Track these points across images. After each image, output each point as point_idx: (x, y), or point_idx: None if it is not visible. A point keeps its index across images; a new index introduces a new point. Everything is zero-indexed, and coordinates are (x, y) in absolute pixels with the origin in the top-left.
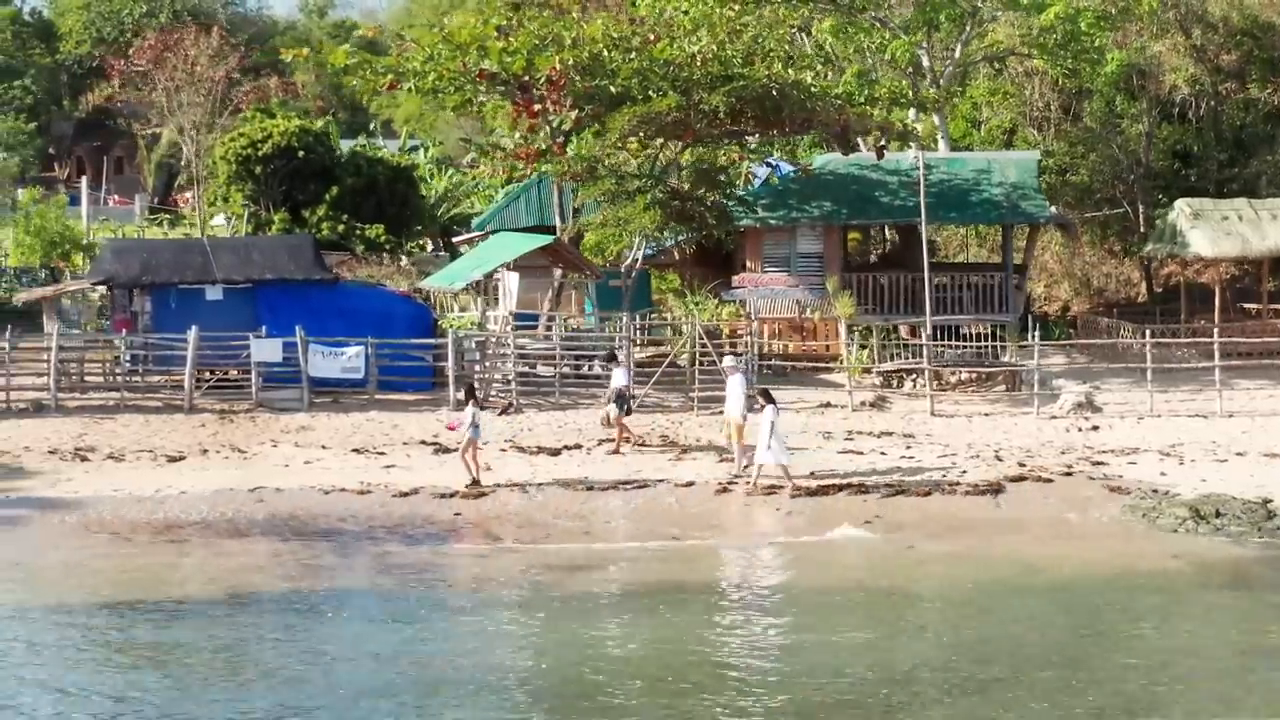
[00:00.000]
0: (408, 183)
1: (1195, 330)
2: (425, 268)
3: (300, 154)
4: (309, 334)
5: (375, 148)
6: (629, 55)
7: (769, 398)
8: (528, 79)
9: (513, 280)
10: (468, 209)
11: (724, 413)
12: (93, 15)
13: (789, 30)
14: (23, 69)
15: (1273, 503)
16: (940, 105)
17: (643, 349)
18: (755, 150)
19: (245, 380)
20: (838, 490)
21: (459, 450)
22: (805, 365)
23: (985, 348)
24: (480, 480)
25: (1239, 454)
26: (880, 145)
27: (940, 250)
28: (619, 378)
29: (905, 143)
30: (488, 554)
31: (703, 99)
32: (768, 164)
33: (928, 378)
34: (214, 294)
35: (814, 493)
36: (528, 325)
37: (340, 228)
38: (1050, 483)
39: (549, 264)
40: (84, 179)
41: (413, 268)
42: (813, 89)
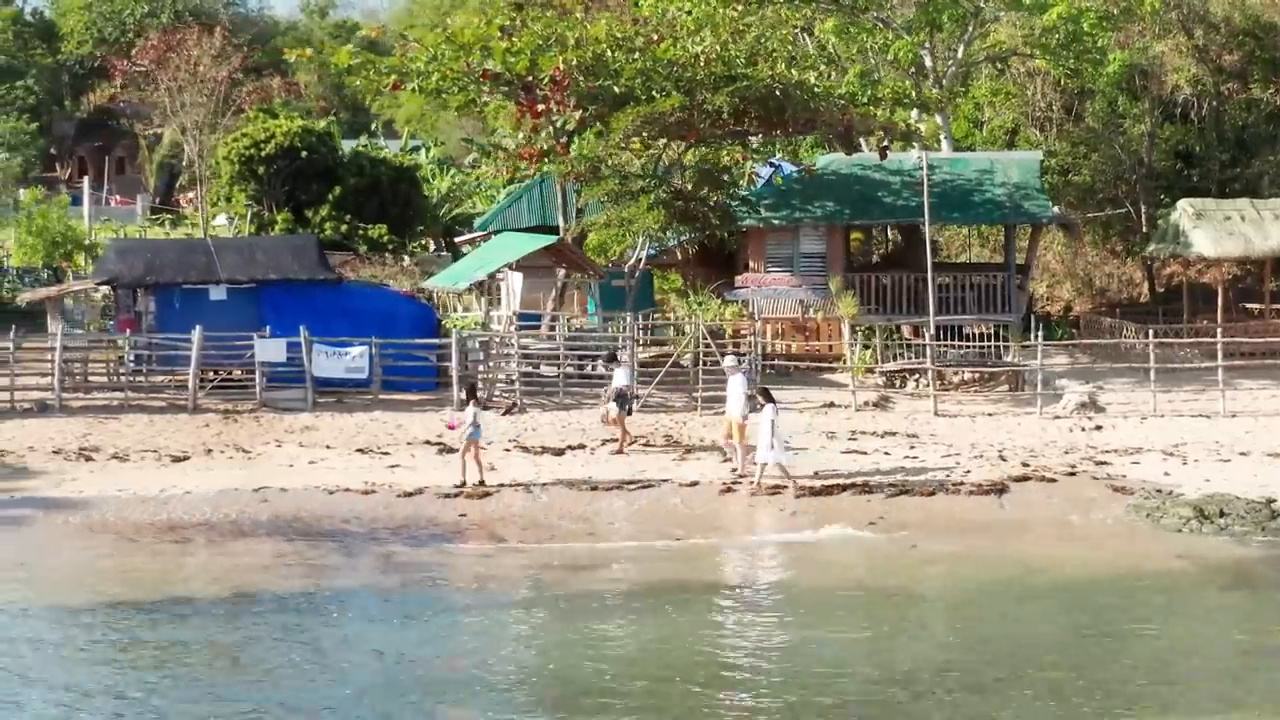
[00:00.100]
0: (410, 183)
1: (1198, 330)
2: (428, 268)
3: (303, 154)
4: (313, 334)
5: (377, 148)
6: (632, 55)
7: (769, 397)
8: (531, 79)
9: (516, 280)
10: (469, 209)
11: (725, 412)
12: (94, 15)
13: (791, 31)
14: (24, 69)
15: (1276, 502)
16: (943, 105)
17: (646, 349)
18: (758, 150)
19: (249, 380)
20: (842, 490)
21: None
22: (808, 365)
23: (988, 348)
24: (485, 480)
25: (1242, 454)
26: (883, 145)
27: (943, 250)
28: (620, 378)
29: (908, 143)
30: (492, 553)
31: (706, 99)
32: (771, 164)
33: (931, 378)
34: (218, 294)
35: (818, 492)
36: (530, 325)
37: (343, 228)
38: (1054, 483)
39: (552, 264)
40: (85, 179)
41: (416, 268)
42: (816, 89)
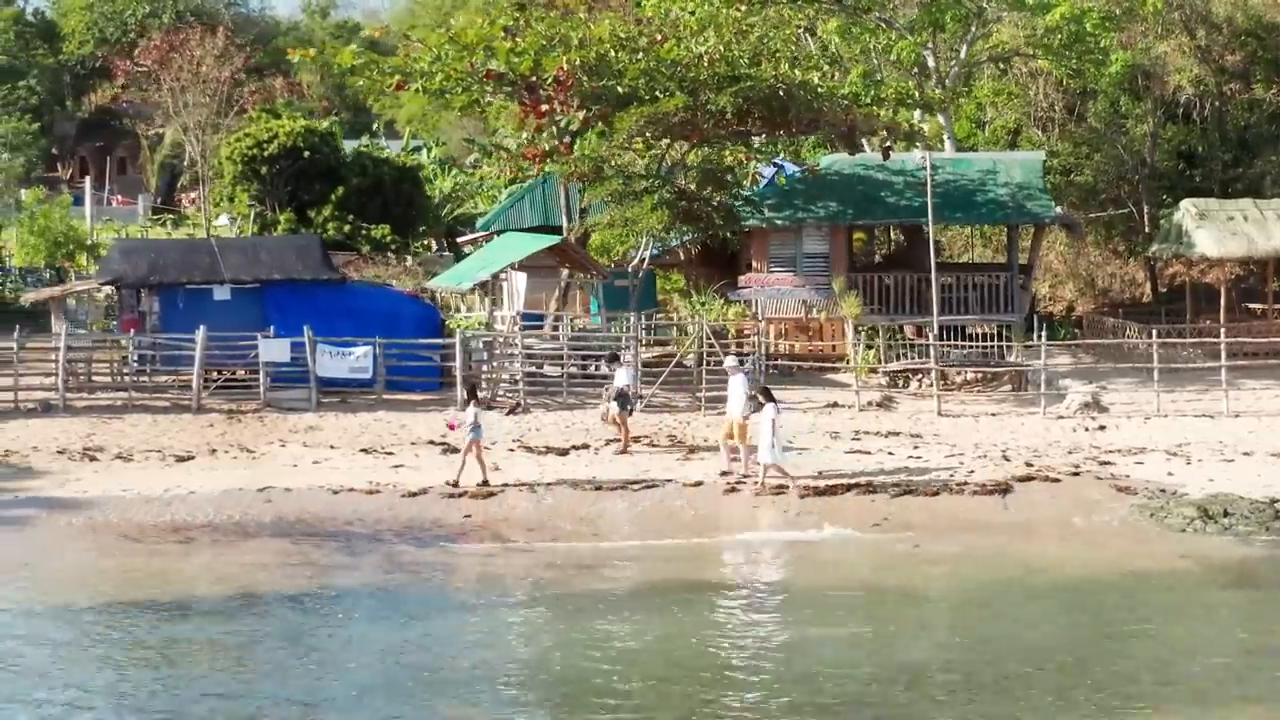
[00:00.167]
0: (413, 183)
1: (1201, 330)
2: (431, 268)
3: (306, 154)
4: (317, 334)
5: (378, 148)
6: (636, 56)
7: (769, 396)
8: (535, 79)
9: (520, 280)
10: (471, 209)
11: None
12: (95, 16)
13: (795, 31)
14: (26, 69)
15: None
16: (946, 106)
17: (649, 349)
18: (761, 150)
19: (253, 380)
20: (846, 490)
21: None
22: (811, 365)
23: (990, 348)
24: (489, 480)
25: (1246, 454)
26: (886, 146)
27: (945, 250)
28: (621, 378)
29: (911, 143)
30: (497, 553)
31: (710, 99)
32: (775, 164)
33: (934, 378)
34: (222, 294)
35: (822, 492)
36: (534, 325)
37: (346, 228)
38: (1058, 483)
39: (555, 264)
40: (87, 179)
41: (419, 268)
42: (819, 89)
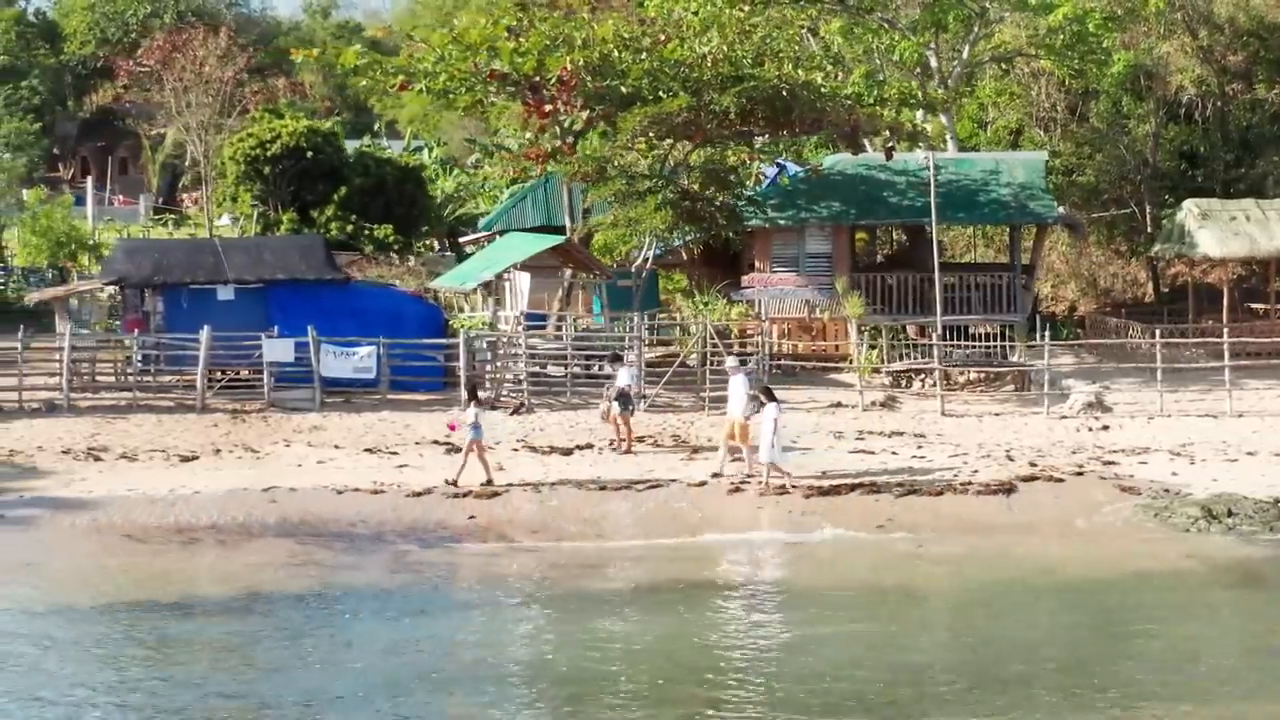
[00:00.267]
0: (416, 183)
1: (1203, 330)
2: (434, 268)
3: (309, 154)
4: (321, 334)
5: (380, 148)
6: (639, 56)
7: (771, 396)
8: (538, 79)
9: (523, 280)
10: (473, 209)
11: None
12: (97, 16)
13: (798, 31)
14: (27, 69)
15: None
16: (948, 106)
17: (653, 349)
18: (764, 150)
19: (257, 380)
20: (850, 490)
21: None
22: (815, 365)
23: (993, 348)
24: (493, 479)
25: (1250, 454)
26: (889, 146)
27: (947, 250)
28: (623, 378)
29: (914, 143)
30: (502, 552)
31: (713, 99)
32: (778, 164)
33: (938, 378)
34: (226, 294)
35: (826, 492)
36: (536, 325)
37: (349, 228)
38: (1062, 482)
39: (559, 264)
40: (89, 179)
41: (422, 268)
42: (823, 90)
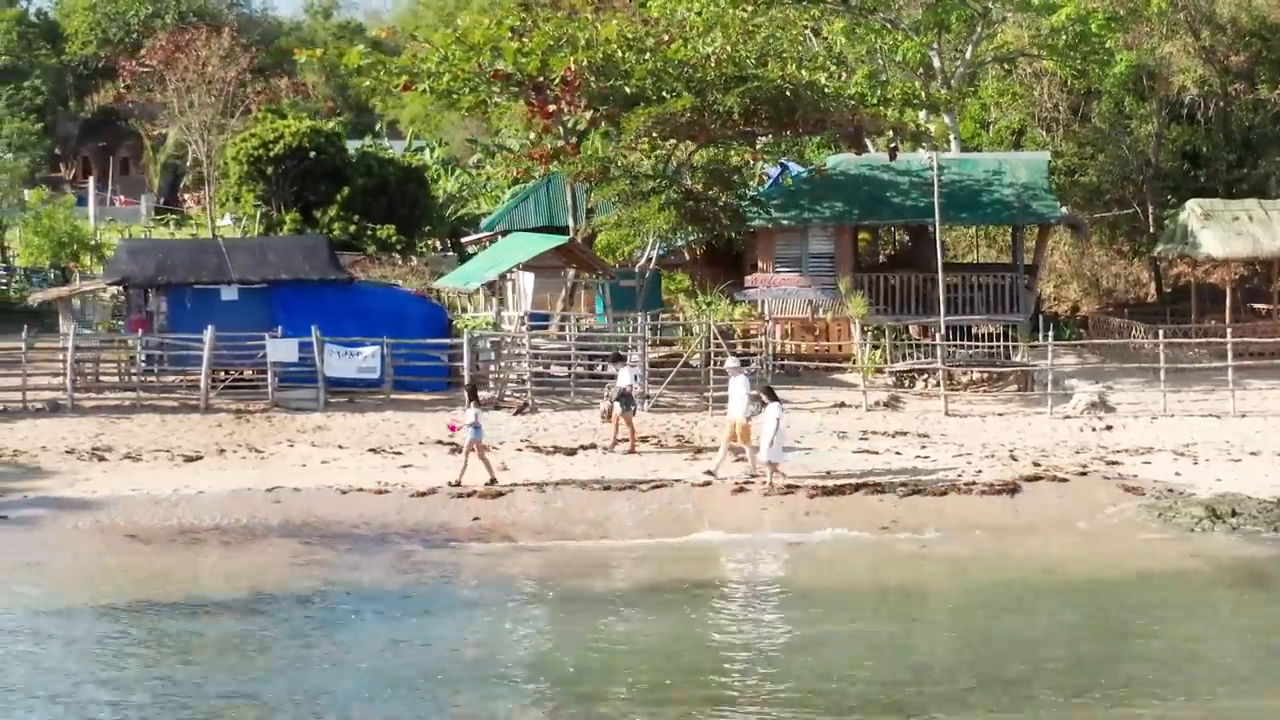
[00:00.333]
0: (418, 183)
1: (1206, 330)
2: (437, 268)
3: (312, 154)
4: (325, 334)
5: (381, 148)
6: (643, 56)
7: (773, 396)
8: (542, 80)
9: (527, 280)
10: (474, 209)
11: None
12: (98, 16)
13: (801, 32)
14: (29, 70)
15: None
16: (951, 106)
17: (656, 349)
18: (767, 150)
19: (261, 380)
20: (854, 490)
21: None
22: (818, 365)
23: (996, 348)
24: (497, 479)
25: (1253, 453)
26: (893, 146)
27: (950, 250)
28: (624, 378)
29: (918, 143)
30: (506, 551)
31: (717, 100)
32: (781, 164)
33: (941, 378)
34: (229, 294)
35: (830, 492)
36: (539, 325)
37: (351, 228)
38: (1066, 483)
39: (562, 264)
40: (90, 179)
41: (425, 268)
42: (826, 90)
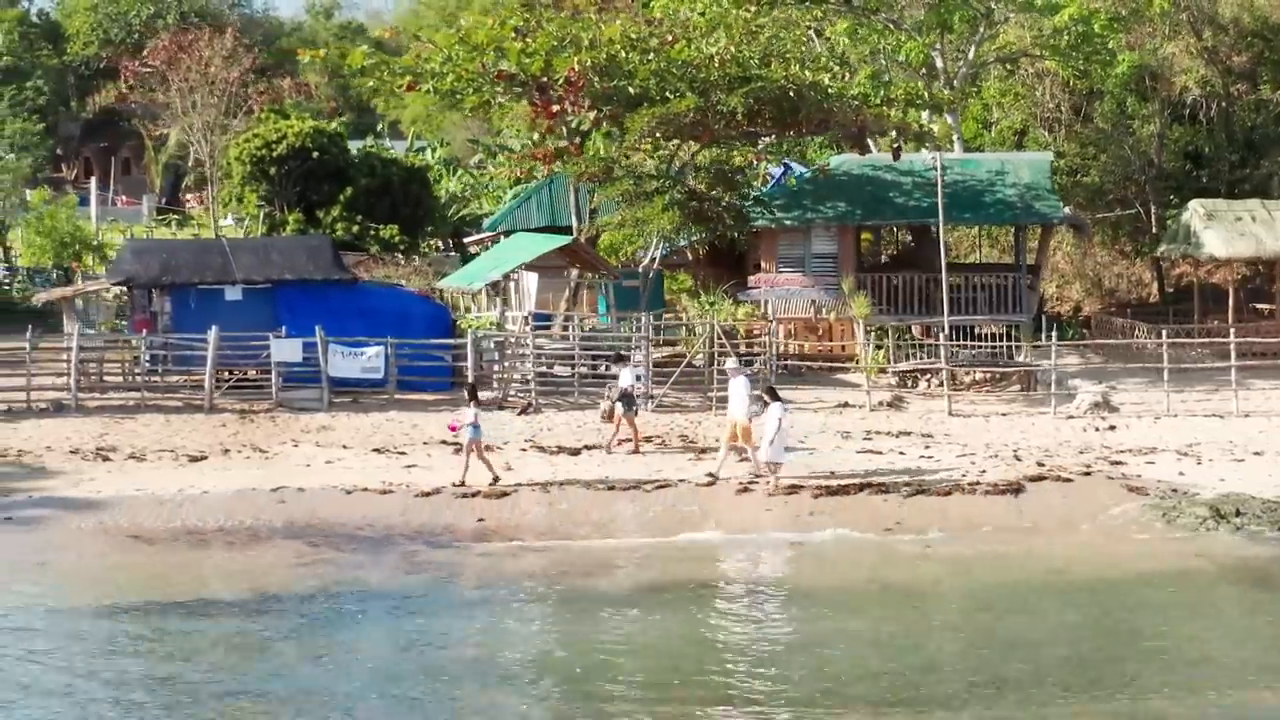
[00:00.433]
0: (421, 183)
1: (1209, 330)
2: (440, 268)
3: (315, 155)
4: (328, 334)
5: (383, 149)
6: (647, 56)
7: (775, 395)
8: (546, 80)
9: (531, 280)
10: (476, 210)
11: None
12: (100, 17)
13: (804, 32)
14: (30, 70)
15: None
16: (954, 106)
17: (659, 349)
18: (770, 151)
19: (265, 380)
20: (858, 490)
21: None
22: (821, 365)
23: (999, 348)
24: (500, 478)
25: (1257, 453)
26: (896, 146)
27: (952, 250)
28: (625, 378)
29: (920, 143)
30: (510, 551)
31: (720, 100)
32: (785, 165)
33: (944, 378)
34: (233, 294)
35: (834, 492)
36: (542, 326)
37: (354, 228)
38: (1070, 483)
39: (565, 264)
40: (92, 179)
41: (428, 268)
42: (829, 90)
